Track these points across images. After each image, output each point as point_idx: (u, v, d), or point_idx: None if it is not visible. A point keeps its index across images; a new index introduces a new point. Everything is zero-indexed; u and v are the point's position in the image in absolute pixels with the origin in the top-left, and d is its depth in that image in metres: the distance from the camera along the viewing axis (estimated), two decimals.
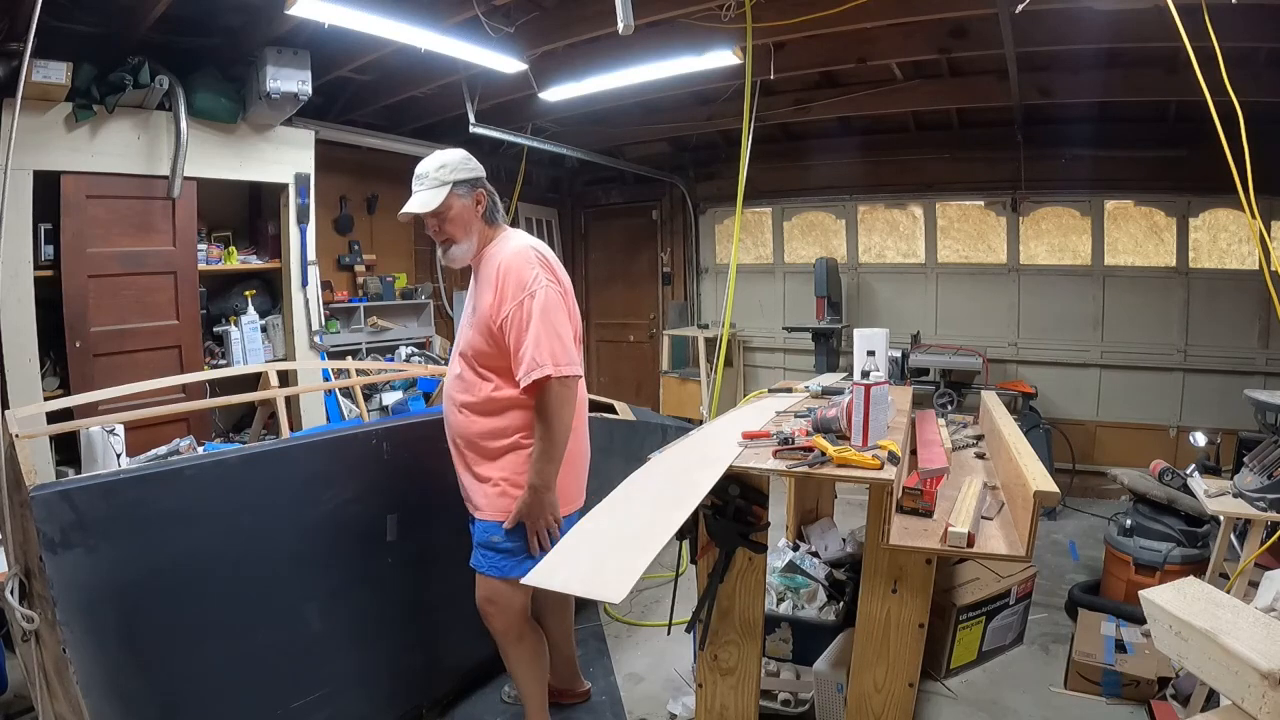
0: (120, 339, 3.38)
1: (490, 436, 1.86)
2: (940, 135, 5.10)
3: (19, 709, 2.18)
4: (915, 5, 3.14)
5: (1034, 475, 1.72)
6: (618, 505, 1.52)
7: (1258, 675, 1.12)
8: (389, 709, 2.13)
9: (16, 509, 1.54)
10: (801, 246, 5.88)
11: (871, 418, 1.85)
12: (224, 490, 1.74)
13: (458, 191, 1.86)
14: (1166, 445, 4.61)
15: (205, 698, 1.69)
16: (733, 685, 1.91)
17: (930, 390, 4.46)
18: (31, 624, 1.52)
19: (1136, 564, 2.79)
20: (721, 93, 4.51)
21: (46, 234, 3.14)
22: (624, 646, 2.81)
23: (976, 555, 1.76)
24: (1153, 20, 2.68)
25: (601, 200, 6.79)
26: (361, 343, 4.62)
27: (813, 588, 2.60)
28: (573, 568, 1.30)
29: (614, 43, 3.31)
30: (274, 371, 3.13)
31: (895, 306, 5.43)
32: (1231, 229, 4.53)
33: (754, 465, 1.76)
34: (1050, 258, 5.01)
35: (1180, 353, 4.66)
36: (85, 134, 3.16)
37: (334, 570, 1.95)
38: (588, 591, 1.26)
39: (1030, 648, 2.80)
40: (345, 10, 2.82)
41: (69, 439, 3.10)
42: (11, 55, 2.78)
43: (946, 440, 2.53)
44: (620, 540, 1.37)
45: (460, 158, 1.90)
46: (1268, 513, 2.17)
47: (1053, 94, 4.12)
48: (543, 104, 4.27)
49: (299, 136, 3.97)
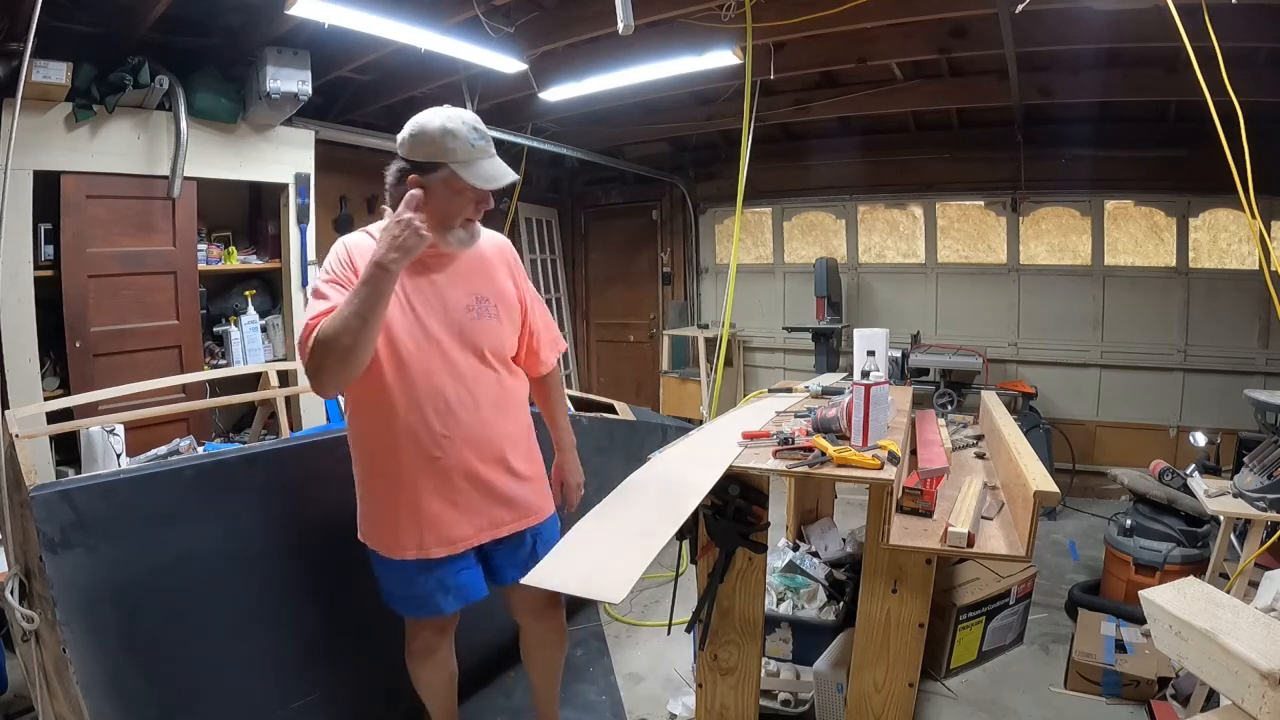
0: (120, 339, 3.38)
1: (526, 429, 1.77)
2: (940, 135, 5.10)
3: (19, 709, 2.18)
4: (915, 5, 3.14)
5: (1034, 475, 1.72)
6: (617, 505, 1.52)
7: (1258, 675, 1.12)
8: (389, 709, 2.13)
9: (16, 509, 1.54)
10: (801, 246, 5.88)
11: (871, 418, 1.85)
12: (224, 490, 1.74)
13: None
14: (1166, 445, 4.61)
15: (205, 698, 1.69)
16: (733, 685, 1.91)
17: (930, 390, 4.46)
18: (31, 624, 1.52)
19: (1136, 564, 2.79)
20: (721, 93, 4.51)
21: (46, 234, 3.14)
22: (624, 646, 2.81)
23: (976, 555, 1.76)
24: (1153, 20, 2.68)
25: (601, 200, 6.79)
26: None
27: (813, 588, 2.61)
28: (572, 568, 1.30)
29: (614, 43, 3.31)
30: (274, 371, 3.13)
31: (895, 306, 5.43)
32: (1231, 229, 4.53)
33: (754, 465, 1.76)
34: (1050, 258, 5.01)
35: (1180, 353, 4.66)
36: (85, 134, 3.15)
37: (334, 570, 1.94)
38: (587, 591, 1.26)
39: (1030, 648, 2.80)
40: (345, 10, 2.82)
41: (69, 439, 3.10)
42: (11, 55, 2.78)
43: (946, 440, 2.53)
44: (620, 540, 1.37)
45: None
46: (1268, 513, 2.17)
47: (1053, 94, 4.12)
48: (543, 104, 4.27)
49: (299, 136, 3.97)
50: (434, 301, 1.60)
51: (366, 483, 1.68)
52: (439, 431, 1.59)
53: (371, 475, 1.67)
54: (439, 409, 1.59)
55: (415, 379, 1.57)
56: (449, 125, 1.50)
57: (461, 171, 1.51)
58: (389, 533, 1.65)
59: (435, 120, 1.51)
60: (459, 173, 1.51)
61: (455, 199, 1.54)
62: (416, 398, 1.57)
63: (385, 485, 1.64)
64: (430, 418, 1.58)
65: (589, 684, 2.53)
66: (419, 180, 1.49)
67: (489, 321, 1.66)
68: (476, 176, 1.52)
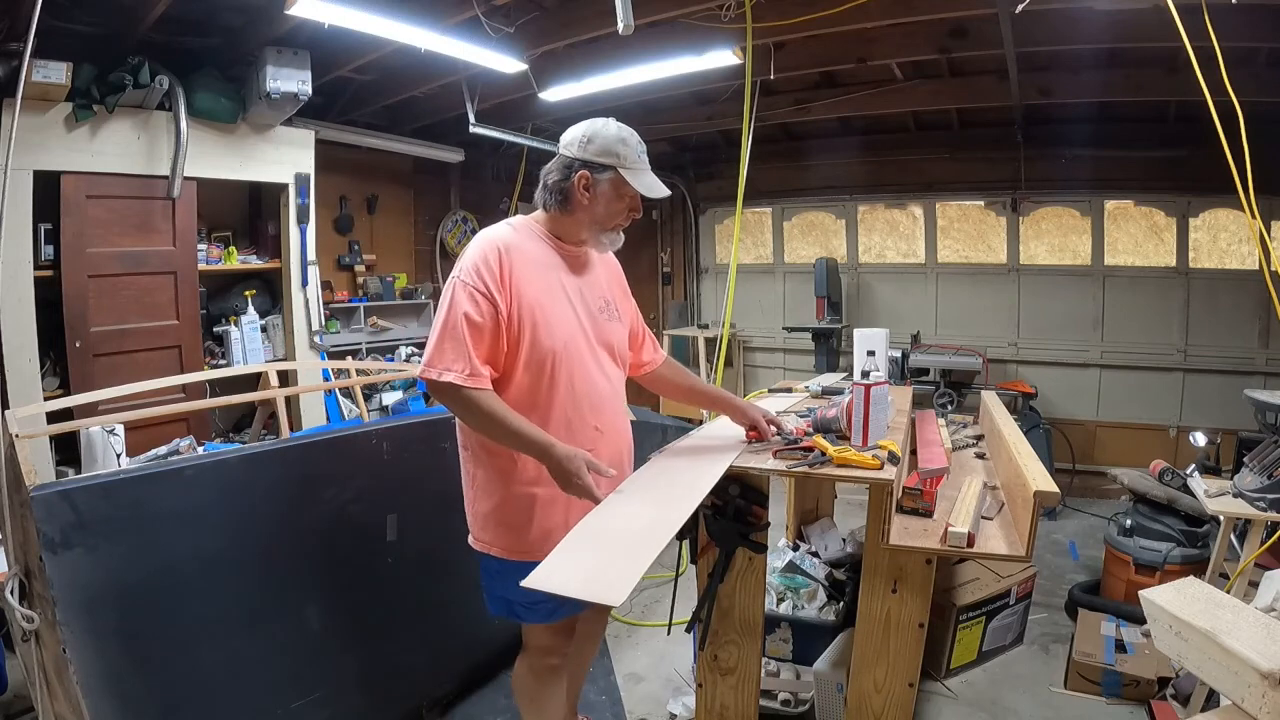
0: (120, 339, 3.38)
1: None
2: (940, 135, 5.10)
3: (19, 709, 2.18)
4: (915, 5, 3.14)
5: (1034, 475, 1.72)
6: (618, 505, 1.52)
7: (1258, 675, 1.12)
8: (389, 709, 2.13)
9: (16, 509, 1.53)
10: (801, 246, 5.88)
11: (871, 418, 1.85)
12: (224, 490, 1.74)
13: None
14: (1166, 445, 4.61)
15: (205, 698, 1.69)
16: (733, 685, 1.90)
17: (930, 390, 4.46)
18: (31, 624, 1.52)
19: (1136, 564, 2.79)
20: (721, 93, 4.51)
21: (46, 234, 3.14)
22: (624, 646, 2.81)
23: (976, 555, 1.76)
24: (1153, 20, 2.68)
25: None
26: (361, 343, 4.62)
27: (813, 588, 2.61)
28: (572, 569, 1.29)
29: (614, 43, 3.31)
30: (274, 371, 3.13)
31: (895, 306, 5.43)
32: (1231, 229, 4.53)
33: (754, 465, 1.75)
34: (1050, 258, 5.01)
35: (1180, 353, 4.66)
36: (85, 134, 3.16)
37: (334, 570, 1.95)
38: (587, 594, 1.25)
39: (1030, 648, 2.80)
40: (345, 10, 2.82)
41: (69, 439, 3.10)
42: (11, 55, 2.78)
43: (946, 440, 2.53)
44: (620, 541, 1.36)
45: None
46: (1268, 513, 2.17)
47: (1053, 94, 4.11)
48: (543, 104, 4.26)
49: (299, 136, 3.97)
50: (578, 301, 1.66)
51: (504, 485, 1.63)
52: (592, 424, 1.64)
53: (510, 477, 1.62)
54: (593, 403, 1.65)
55: (573, 373, 1.61)
56: (621, 133, 1.61)
57: (628, 177, 1.59)
58: (524, 534, 1.61)
59: (610, 126, 1.61)
60: (626, 178, 1.59)
61: (616, 203, 1.62)
62: (574, 391, 1.61)
63: (528, 483, 1.61)
64: (585, 412, 1.63)
65: (589, 684, 2.52)
66: (588, 178, 1.58)
67: (615, 324, 1.75)
68: (640, 184, 1.61)
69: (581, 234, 1.65)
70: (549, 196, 1.63)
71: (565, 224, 1.65)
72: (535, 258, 1.60)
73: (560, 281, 1.63)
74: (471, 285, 1.50)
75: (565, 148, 1.62)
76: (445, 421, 2.22)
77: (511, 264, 1.54)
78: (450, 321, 1.49)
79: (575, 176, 1.59)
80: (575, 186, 1.59)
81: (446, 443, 2.16)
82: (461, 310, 1.49)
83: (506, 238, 1.59)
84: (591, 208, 1.60)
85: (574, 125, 1.63)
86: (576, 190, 1.59)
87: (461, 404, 1.50)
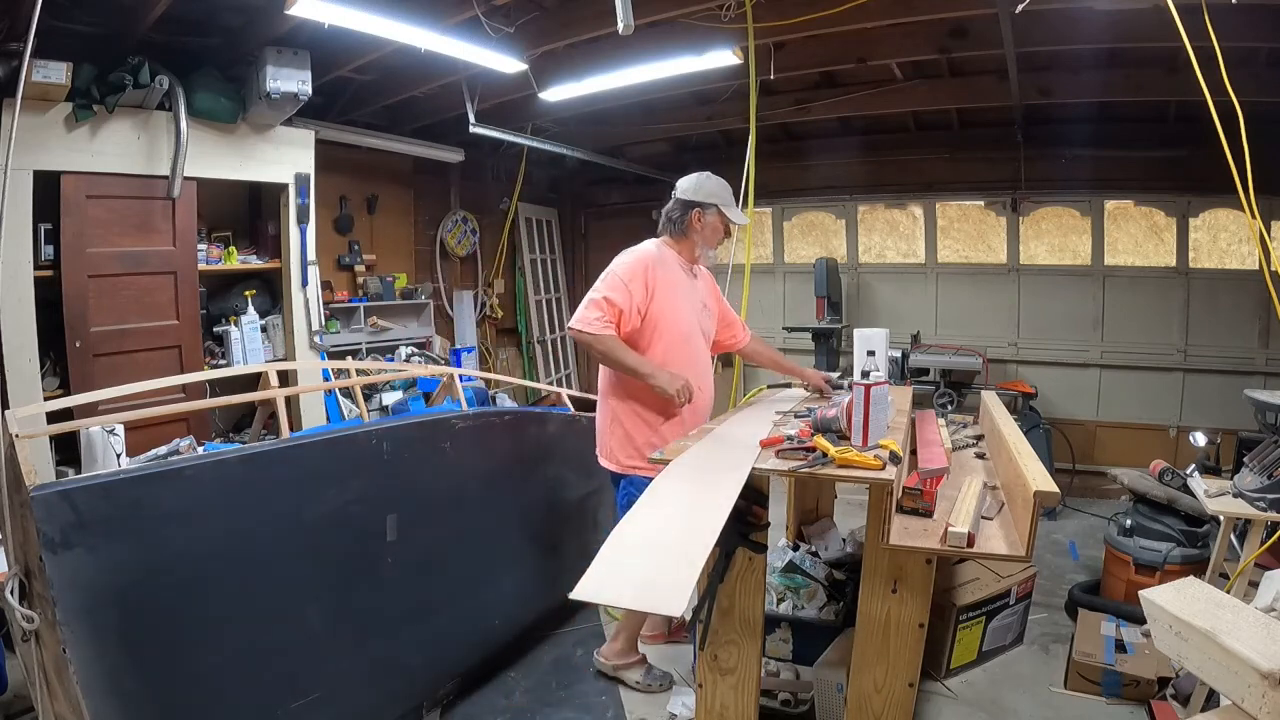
0: (120, 339, 3.38)
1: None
2: (940, 135, 5.10)
3: (19, 709, 2.18)
4: (915, 5, 3.14)
5: (1034, 475, 1.72)
6: (650, 511, 1.50)
7: (1258, 675, 1.12)
8: (389, 709, 2.13)
9: (16, 509, 1.53)
10: (801, 246, 5.88)
11: (872, 418, 1.85)
12: (224, 490, 1.74)
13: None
14: (1166, 445, 4.61)
15: (205, 698, 1.69)
16: (733, 685, 1.91)
17: (930, 390, 4.46)
18: (31, 624, 1.52)
19: (1136, 564, 2.79)
20: (721, 93, 4.51)
21: (46, 234, 3.14)
22: None
23: (976, 555, 1.76)
24: (1153, 20, 2.68)
25: (601, 200, 6.79)
26: (361, 343, 4.61)
27: (813, 588, 2.60)
28: (622, 579, 1.26)
29: (614, 43, 3.31)
30: (274, 371, 3.12)
31: (895, 306, 5.43)
32: (1231, 229, 4.54)
33: (755, 465, 1.75)
34: (1050, 258, 5.01)
35: (1180, 353, 4.66)
36: (85, 134, 3.15)
37: (334, 570, 1.95)
38: (643, 604, 1.24)
39: (1030, 648, 2.80)
40: (345, 10, 2.82)
41: (69, 439, 3.10)
42: (11, 55, 2.78)
43: (946, 440, 2.53)
44: (662, 548, 1.33)
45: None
46: (1268, 513, 2.17)
47: (1053, 94, 4.12)
48: (543, 104, 4.26)
49: (299, 136, 3.97)
50: (693, 299, 2.42)
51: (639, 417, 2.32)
52: (694, 380, 2.29)
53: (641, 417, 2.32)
54: (695, 369, 2.35)
55: (693, 349, 2.39)
56: (721, 182, 2.42)
57: (725, 211, 2.39)
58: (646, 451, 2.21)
59: (712, 179, 2.40)
60: (725, 212, 2.38)
61: (716, 231, 2.41)
62: (683, 357, 2.33)
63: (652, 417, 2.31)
64: (689, 372, 2.29)
65: (589, 684, 2.53)
66: (700, 214, 2.37)
67: (709, 319, 2.49)
68: (732, 216, 2.40)
69: (695, 251, 2.42)
70: (673, 226, 2.40)
71: (684, 244, 2.42)
72: (671, 266, 2.35)
73: (685, 284, 2.38)
74: (620, 277, 2.24)
75: (682, 193, 2.38)
76: (445, 421, 2.23)
77: (656, 273, 2.28)
78: (597, 297, 2.21)
79: (691, 213, 2.36)
80: (692, 220, 2.37)
81: (446, 443, 2.17)
82: (603, 294, 2.21)
83: (654, 254, 2.33)
84: (701, 233, 2.39)
85: (685, 177, 2.41)
86: (693, 222, 2.37)
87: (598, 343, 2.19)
